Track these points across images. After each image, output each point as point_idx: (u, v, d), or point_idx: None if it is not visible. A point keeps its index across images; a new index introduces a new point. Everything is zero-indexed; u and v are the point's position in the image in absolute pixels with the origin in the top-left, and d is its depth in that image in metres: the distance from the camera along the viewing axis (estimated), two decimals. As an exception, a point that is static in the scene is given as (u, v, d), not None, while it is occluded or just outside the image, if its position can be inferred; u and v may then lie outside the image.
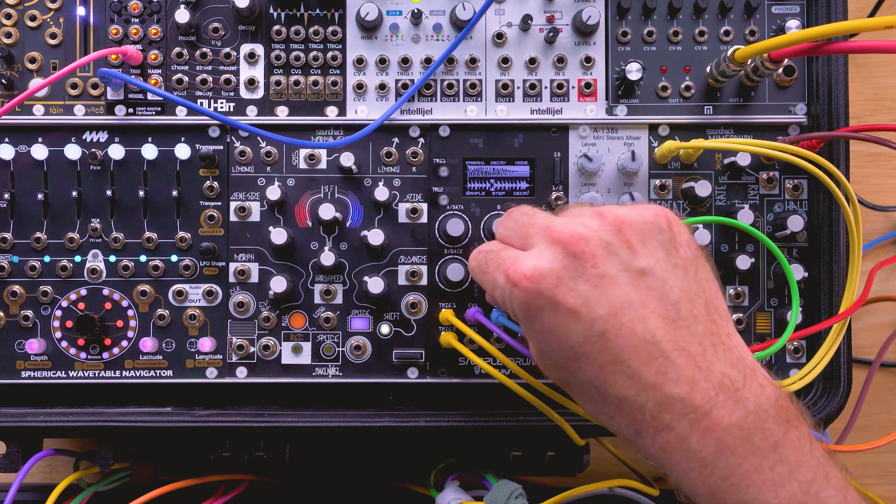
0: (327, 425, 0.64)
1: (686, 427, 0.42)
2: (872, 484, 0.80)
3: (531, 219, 0.50)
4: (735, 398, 0.42)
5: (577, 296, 0.44)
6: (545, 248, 0.46)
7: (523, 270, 0.45)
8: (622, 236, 0.45)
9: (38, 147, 0.65)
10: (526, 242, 0.49)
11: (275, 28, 0.67)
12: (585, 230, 0.45)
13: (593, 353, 0.44)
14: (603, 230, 0.45)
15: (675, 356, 0.43)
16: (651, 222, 0.46)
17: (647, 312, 0.43)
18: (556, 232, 0.46)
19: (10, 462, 0.64)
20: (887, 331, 0.82)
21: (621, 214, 0.46)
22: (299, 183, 0.67)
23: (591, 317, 0.43)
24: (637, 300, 0.44)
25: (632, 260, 0.45)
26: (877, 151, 0.82)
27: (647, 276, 0.44)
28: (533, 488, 0.66)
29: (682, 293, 0.45)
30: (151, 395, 0.67)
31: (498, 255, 0.50)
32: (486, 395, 0.67)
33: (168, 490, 0.65)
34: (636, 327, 0.43)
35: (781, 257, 0.61)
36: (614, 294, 0.44)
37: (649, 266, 0.45)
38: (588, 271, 0.44)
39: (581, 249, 0.44)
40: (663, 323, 0.43)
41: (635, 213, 0.46)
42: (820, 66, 0.66)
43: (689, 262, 0.46)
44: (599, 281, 0.44)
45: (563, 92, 0.67)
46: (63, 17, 0.66)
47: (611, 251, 0.45)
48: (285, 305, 0.67)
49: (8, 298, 0.66)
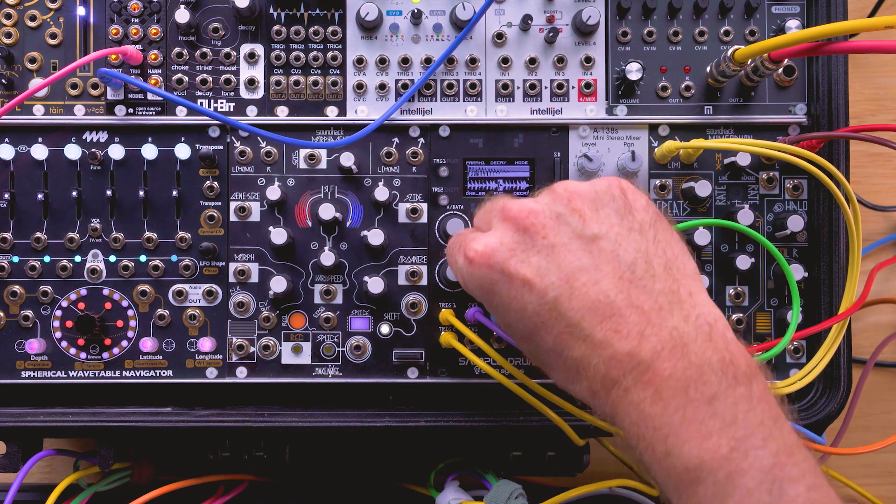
0: (327, 425, 0.64)
1: (631, 381, 0.43)
2: (872, 484, 0.80)
3: (493, 203, 0.52)
4: (681, 352, 0.42)
5: (528, 266, 0.45)
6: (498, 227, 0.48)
7: (476, 247, 0.48)
8: (572, 205, 0.47)
9: (38, 147, 0.65)
10: (488, 227, 0.51)
11: (275, 28, 0.67)
12: (535, 205, 0.47)
13: (549, 320, 0.45)
14: (553, 203, 0.47)
15: (628, 313, 0.44)
16: (604, 191, 0.48)
17: (599, 275, 0.45)
18: (508, 210, 0.48)
19: (10, 462, 0.64)
20: (887, 331, 0.82)
21: (571, 187, 0.48)
22: (299, 183, 0.67)
23: (544, 285, 0.45)
24: (590, 264, 0.45)
25: (583, 228, 0.46)
26: (877, 151, 0.82)
27: (599, 240, 0.46)
28: (533, 488, 0.66)
29: (639, 254, 0.46)
30: (151, 395, 0.67)
31: (462, 238, 0.52)
32: (486, 396, 0.67)
33: (168, 490, 0.65)
34: (589, 290, 0.44)
35: (780, 257, 0.61)
36: (566, 260, 0.45)
37: (602, 231, 0.46)
38: (538, 242, 0.46)
39: (531, 222, 0.46)
40: (617, 282, 0.44)
41: (586, 185, 0.48)
42: (820, 66, 0.66)
43: (645, 225, 0.47)
44: (550, 251, 0.46)
45: (563, 92, 0.67)
46: (63, 17, 0.66)
47: (561, 221, 0.46)
48: (285, 305, 0.67)
49: (8, 298, 0.66)
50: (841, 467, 0.78)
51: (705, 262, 0.67)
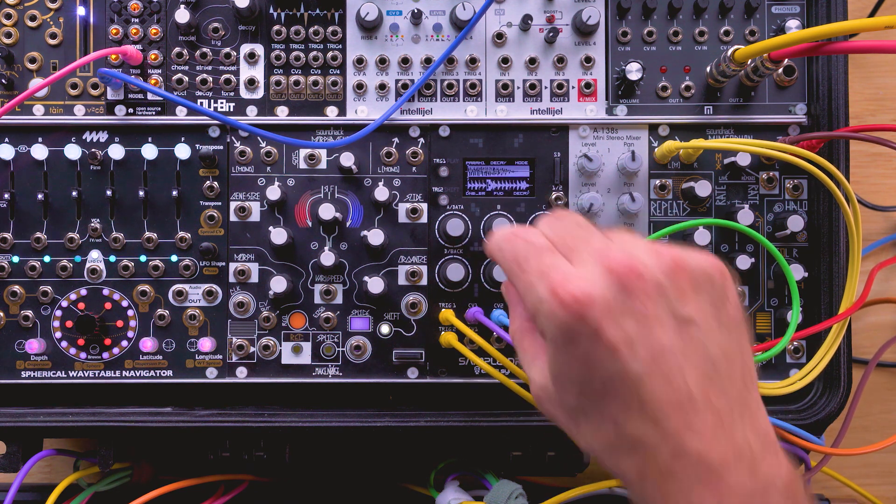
0: (327, 425, 0.64)
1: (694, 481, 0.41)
2: (872, 484, 0.80)
3: (587, 234, 0.47)
4: (750, 467, 0.42)
5: (621, 332, 0.42)
6: (597, 273, 0.43)
7: (573, 291, 0.42)
8: (676, 280, 0.44)
9: (38, 147, 0.65)
10: (574, 256, 0.46)
11: (275, 28, 0.67)
12: (642, 267, 0.43)
13: (623, 391, 0.42)
14: (658, 269, 0.43)
15: (704, 411, 0.42)
16: (706, 273, 0.45)
17: (686, 363, 0.42)
18: (613, 260, 0.43)
19: (10, 462, 0.64)
20: (887, 331, 0.82)
21: (678, 257, 0.44)
22: (299, 183, 0.67)
23: (631, 357, 0.42)
24: (679, 348, 0.42)
25: (680, 306, 0.43)
26: (877, 151, 0.82)
27: (691, 325, 0.43)
28: (533, 488, 0.66)
29: (722, 352, 0.44)
30: (151, 395, 0.67)
31: (542, 258, 0.46)
32: (486, 395, 0.67)
33: (168, 490, 0.65)
34: (673, 374, 0.42)
35: (780, 257, 0.61)
36: (657, 337, 0.42)
37: (695, 317, 0.43)
38: (636, 309, 0.42)
39: (634, 285, 0.43)
40: (699, 376, 0.42)
41: (692, 260, 0.45)
42: (820, 66, 0.66)
43: (733, 324, 0.45)
44: (645, 321, 0.42)
45: (563, 92, 0.67)
46: (63, 17, 0.66)
47: (662, 293, 0.43)
48: (285, 305, 0.67)
49: (8, 298, 0.66)
50: (841, 467, 0.78)
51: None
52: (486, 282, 0.67)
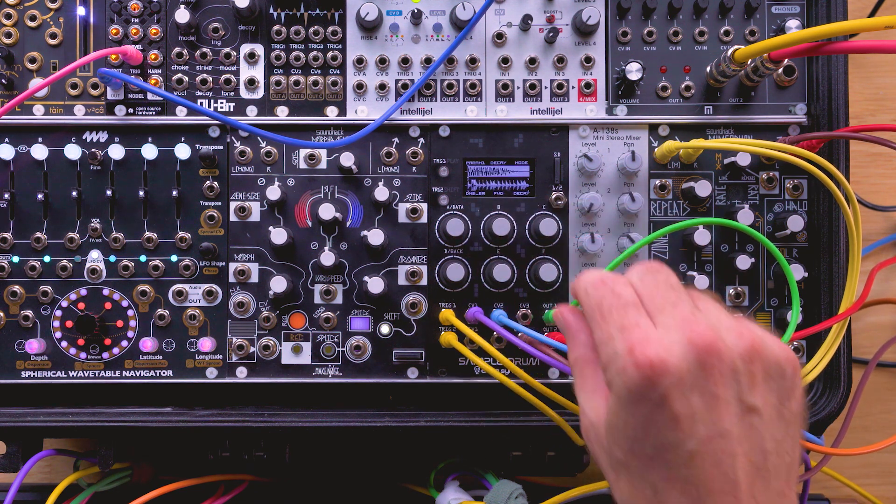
0: (327, 425, 0.64)
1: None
2: (872, 484, 0.80)
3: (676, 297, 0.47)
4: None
5: (687, 406, 0.42)
6: (678, 341, 0.43)
7: (650, 354, 0.43)
8: (750, 366, 0.44)
9: (38, 147, 0.65)
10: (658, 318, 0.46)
11: (275, 28, 0.67)
12: (723, 345, 0.43)
13: (674, 463, 0.43)
14: (737, 352, 0.44)
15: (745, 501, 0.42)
16: (779, 365, 0.45)
17: (739, 450, 0.43)
18: (696, 333, 0.43)
19: (10, 462, 0.64)
20: (886, 331, 0.82)
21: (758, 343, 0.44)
22: (299, 183, 0.67)
23: (690, 433, 0.42)
24: (736, 435, 0.43)
25: (748, 394, 0.44)
26: (877, 151, 0.82)
27: (754, 415, 0.43)
28: (533, 488, 0.66)
29: (776, 446, 0.44)
30: (151, 395, 0.67)
31: (626, 313, 0.46)
32: (486, 395, 0.67)
33: (168, 490, 0.65)
34: (724, 459, 0.42)
35: (780, 257, 0.61)
36: (720, 420, 0.43)
37: (760, 407, 0.44)
38: (707, 387, 0.43)
39: (711, 363, 0.43)
40: (748, 466, 0.43)
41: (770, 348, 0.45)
42: (820, 66, 0.66)
43: (793, 419, 0.45)
44: (713, 401, 0.43)
45: (563, 92, 0.67)
46: (63, 17, 0.66)
47: (735, 377, 0.43)
48: (285, 305, 0.67)
49: (8, 298, 0.66)
50: (841, 467, 0.78)
51: (705, 262, 0.67)
52: (486, 282, 0.67)
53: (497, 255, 0.67)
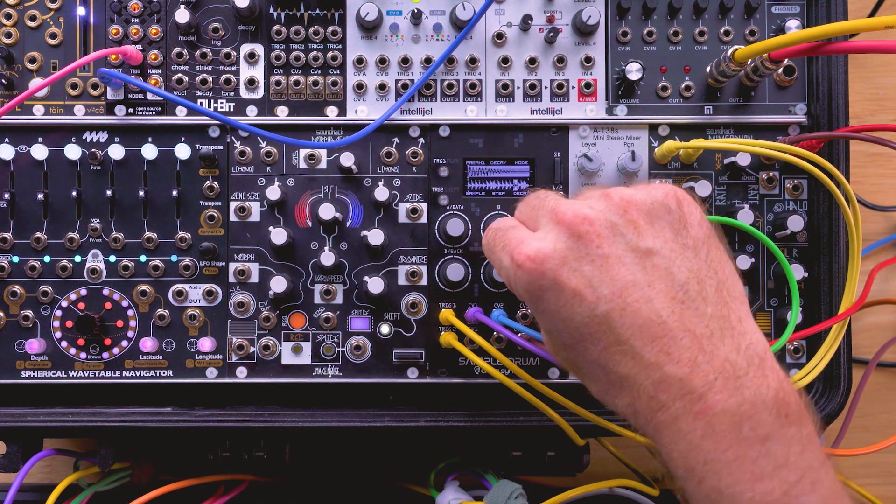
0: (327, 425, 0.64)
1: (680, 408, 0.42)
2: (872, 484, 0.80)
3: (542, 201, 0.50)
4: (734, 385, 0.41)
5: (580, 277, 0.44)
6: (550, 230, 0.46)
7: (527, 252, 0.45)
8: (628, 216, 0.45)
9: (38, 147, 0.65)
10: (535, 224, 0.49)
11: (275, 28, 0.67)
12: (590, 211, 0.45)
13: (597, 333, 0.44)
14: (608, 210, 0.45)
15: (680, 336, 0.42)
16: (660, 202, 0.46)
17: (652, 292, 0.43)
18: (561, 213, 0.45)
19: (10, 462, 0.64)
20: (887, 331, 0.83)
21: (627, 195, 0.46)
22: (299, 183, 0.67)
23: (595, 298, 0.43)
24: (643, 280, 0.43)
25: (638, 240, 0.44)
26: (877, 151, 0.82)
27: (653, 255, 0.44)
28: (533, 488, 0.66)
29: (691, 273, 0.44)
30: (151, 395, 0.67)
31: (505, 235, 0.50)
32: (486, 395, 0.67)
33: (168, 490, 0.65)
34: (641, 307, 0.43)
35: (781, 256, 0.61)
36: (619, 274, 0.43)
37: (656, 246, 0.44)
38: (592, 252, 0.44)
39: (585, 230, 0.44)
40: (670, 303, 0.43)
41: (643, 194, 0.46)
42: (820, 66, 0.66)
43: (699, 243, 0.46)
44: (604, 261, 0.44)
45: (563, 92, 0.67)
46: (63, 17, 0.66)
47: (616, 231, 0.45)
48: (285, 305, 0.67)
49: (8, 298, 0.66)
50: (841, 467, 0.78)
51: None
52: (486, 282, 0.67)
53: (497, 255, 0.67)
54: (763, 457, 0.41)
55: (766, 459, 0.40)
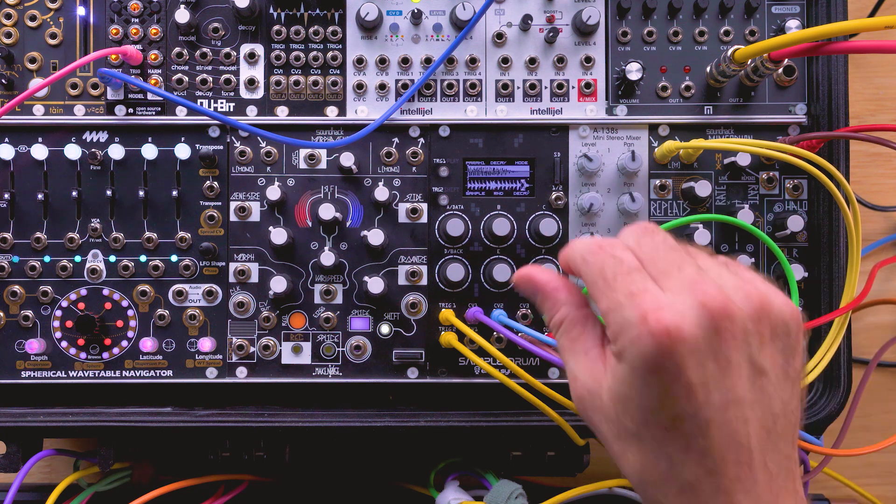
0: (327, 425, 0.64)
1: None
2: (872, 484, 0.80)
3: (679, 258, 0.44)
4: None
5: (702, 374, 0.41)
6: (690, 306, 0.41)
7: (666, 322, 0.40)
8: (760, 326, 0.42)
9: (38, 147, 0.65)
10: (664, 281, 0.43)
11: (275, 28, 0.67)
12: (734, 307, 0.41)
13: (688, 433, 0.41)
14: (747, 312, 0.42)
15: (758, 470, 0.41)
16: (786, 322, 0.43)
17: (752, 415, 0.41)
18: (708, 296, 0.41)
19: (10, 462, 0.64)
20: (887, 331, 0.82)
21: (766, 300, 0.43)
22: (299, 183, 0.67)
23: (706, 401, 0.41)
24: (748, 399, 0.41)
25: (758, 355, 0.42)
26: (877, 151, 0.82)
27: (763, 377, 0.42)
28: (533, 488, 0.66)
29: (783, 407, 0.43)
30: (151, 395, 0.67)
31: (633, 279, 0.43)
32: (486, 395, 0.67)
33: (168, 490, 0.65)
34: (739, 427, 0.41)
35: (781, 255, 0.61)
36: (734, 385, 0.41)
37: (768, 367, 0.42)
38: (721, 352, 0.41)
39: (725, 326, 0.41)
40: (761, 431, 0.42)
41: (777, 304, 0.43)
42: (820, 66, 0.66)
43: (796, 377, 0.44)
44: (727, 366, 0.41)
45: (563, 92, 0.67)
46: (63, 17, 0.66)
47: (746, 339, 0.42)
48: (285, 305, 0.67)
49: (8, 298, 0.66)
50: (841, 467, 0.77)
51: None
52: (486, 282, 0.67)
53: (497, 255, 0.67)
54: None
55: None
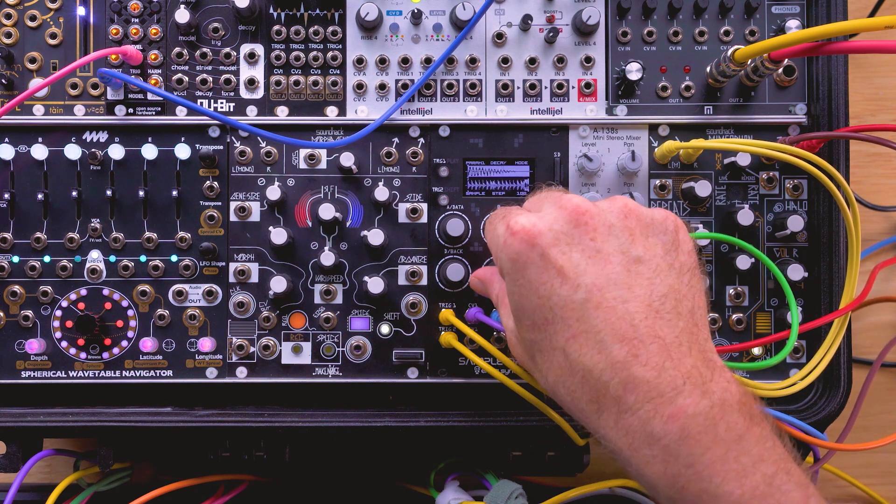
0: (327, 425, 0.64)
1: (650, 411, 0.42)
2: (872, 484, 0.80)
3: (548, 192, 0.52)
4: (702, 389, 0.43)
5: (568, 259, 0.45)
6: (551, 212, 0.48)
7: (523, 223, 0.47)
8: (626, 222, 0.47)
9: (38, 147, 0.65)
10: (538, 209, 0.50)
11: (275, 28, 0.67)
12: (593, 206, 0.47)
13: (570, 317, 0.45)
14: (610, 212, 0.47)
15: (649, 342, 0.43)
16: (658, 220, 0.48)
17: (631, 295, 0.45)
18: (565, 200, 0.48)
19: (10, 462, 0.64)
20: (887, 331, 0.82)
21: (631, 205, 0.48)
22: (299, 183, 0.67)
23: (577, 282, 0.45)
24: (624, 282, 0.45)
25: (630, 246, 0.46)
26: (877, 151, 0.82)
27: (640, 264, 0.46)
28: (533, 488, 0.66)
29: (671, 291, 0.46)
30: (151, 395, 0.67)
31: (508, 210, 0.52)
32: (486, 395, 0.67)
33: (168, 490, 0.65)
34: (617, 305, 0.44)
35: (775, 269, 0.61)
36: (604, 270, 0.45)
37: (645, 256, 0.46)
38: (585, 242, 0.46)
39: (584, 221, 0.46)
40: (645, 310, 0.44)
41: (644, 209, 0.49)
42: (820, 66, 0.66)
43: (684, 268, 0.48)
44: (594, 254, 0.46)
45: (563, 92, 0.67)
46: (63, 17, 0.66)
47: (612, 232, 0.47)
48: (285, 305, 0.67)
49: (8, 298, 0.66)
50: (842, 466, 0.78)
51: (705, 262, 0.67)
52: (486, 282, 0.67)
53: (497, 255, 0.67)
54: (742, 455, 0.42)
55: (746, 457, 0.42)
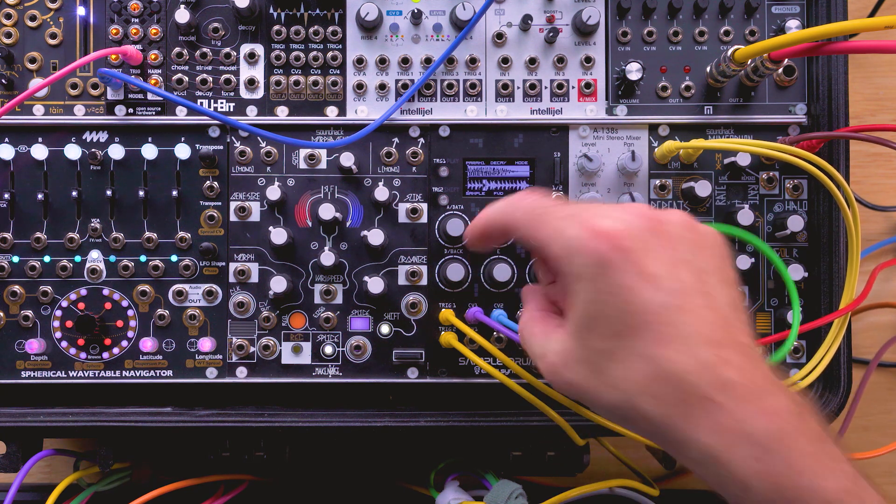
0: (327, 425, 0.64)
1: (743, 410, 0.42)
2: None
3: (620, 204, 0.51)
4: (784, 391, 0.43)
5: (659, 264, 0.44)
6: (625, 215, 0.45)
7: (607, 225, 0.44)
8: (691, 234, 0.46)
9: (38, 147, 0.65)
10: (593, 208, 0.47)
11: (275, 28, 0.67)
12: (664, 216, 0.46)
13: (656, 322, 0.43)
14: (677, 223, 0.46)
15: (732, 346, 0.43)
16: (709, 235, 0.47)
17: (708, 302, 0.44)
18: (638, 207, 0.46)
19: (10, 462, 0.64)
20: (886, 331, 0.82)
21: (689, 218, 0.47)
22: (299, 183, 0.67)
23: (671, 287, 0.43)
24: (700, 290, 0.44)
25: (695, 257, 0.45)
26: (877, 151, 0.82)
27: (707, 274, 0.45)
28: (533, 488, 0.66)
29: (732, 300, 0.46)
30: (151, 395, 0.67)
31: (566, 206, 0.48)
32: (486, 395, 0.67)
33: (168, 490, 0.65)
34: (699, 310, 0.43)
35: (780, 264, 0.61)
36: (683, 277, 0.44)
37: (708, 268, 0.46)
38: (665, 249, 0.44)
39: (662, 229, 0.45)
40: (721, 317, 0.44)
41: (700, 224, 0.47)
42: (820, 66, 0.66)
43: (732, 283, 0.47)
44: (674, 260, 0.44)
45: (563, 92, 0.67)
46: (63, 17, 0.66)
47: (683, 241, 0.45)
48: (285, 305, 0.67)
49: (8, 298, 0.66)
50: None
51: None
52: (486, 282, 0.67)
53: (497, 255, 0.67)
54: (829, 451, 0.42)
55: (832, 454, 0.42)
